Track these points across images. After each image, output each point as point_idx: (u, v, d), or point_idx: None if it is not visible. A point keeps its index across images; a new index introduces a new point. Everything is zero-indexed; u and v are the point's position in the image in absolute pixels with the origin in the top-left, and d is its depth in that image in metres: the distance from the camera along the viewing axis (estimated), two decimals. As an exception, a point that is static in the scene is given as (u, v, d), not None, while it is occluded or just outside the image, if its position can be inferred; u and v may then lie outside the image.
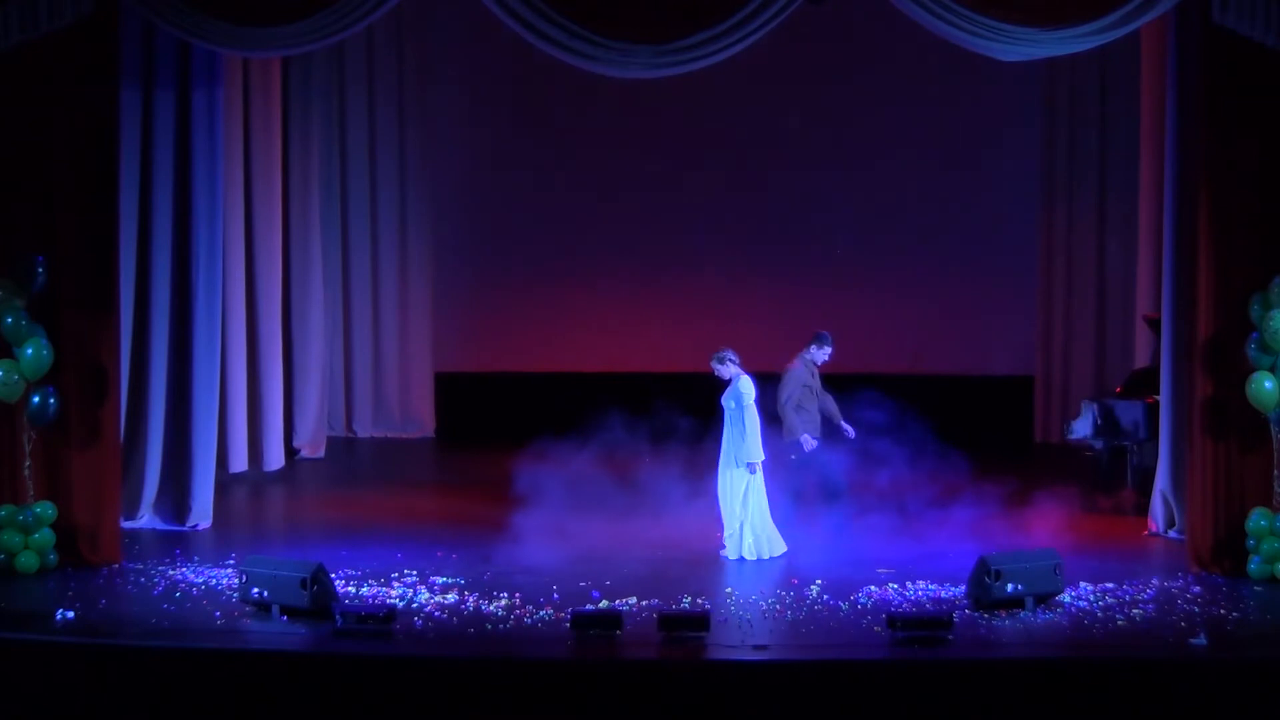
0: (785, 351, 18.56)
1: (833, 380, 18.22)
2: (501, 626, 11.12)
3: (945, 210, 18.73)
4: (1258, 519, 12.36)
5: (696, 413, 16.88)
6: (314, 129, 17.51)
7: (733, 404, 13.02)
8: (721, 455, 13.10)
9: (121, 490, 13.29)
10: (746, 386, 13.00)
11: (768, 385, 13.62)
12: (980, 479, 14.30)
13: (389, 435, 18.78)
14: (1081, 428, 15.03)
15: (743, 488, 12.97)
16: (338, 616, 10.95)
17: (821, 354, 13.87)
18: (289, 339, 17.33)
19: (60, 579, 12.37)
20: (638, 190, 18.73)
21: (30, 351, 12.43)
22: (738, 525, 12.97)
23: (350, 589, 11.89)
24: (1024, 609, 11.37)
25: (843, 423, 13.81)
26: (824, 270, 18.78)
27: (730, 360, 13.12)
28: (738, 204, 18.75)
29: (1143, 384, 15.11)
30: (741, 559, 12.90)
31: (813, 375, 13.83)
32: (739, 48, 12.61)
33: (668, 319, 18.63)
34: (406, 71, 18.60)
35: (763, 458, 13.02)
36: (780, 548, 13.00)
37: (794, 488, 13.50)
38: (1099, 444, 14.98)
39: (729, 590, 11.90)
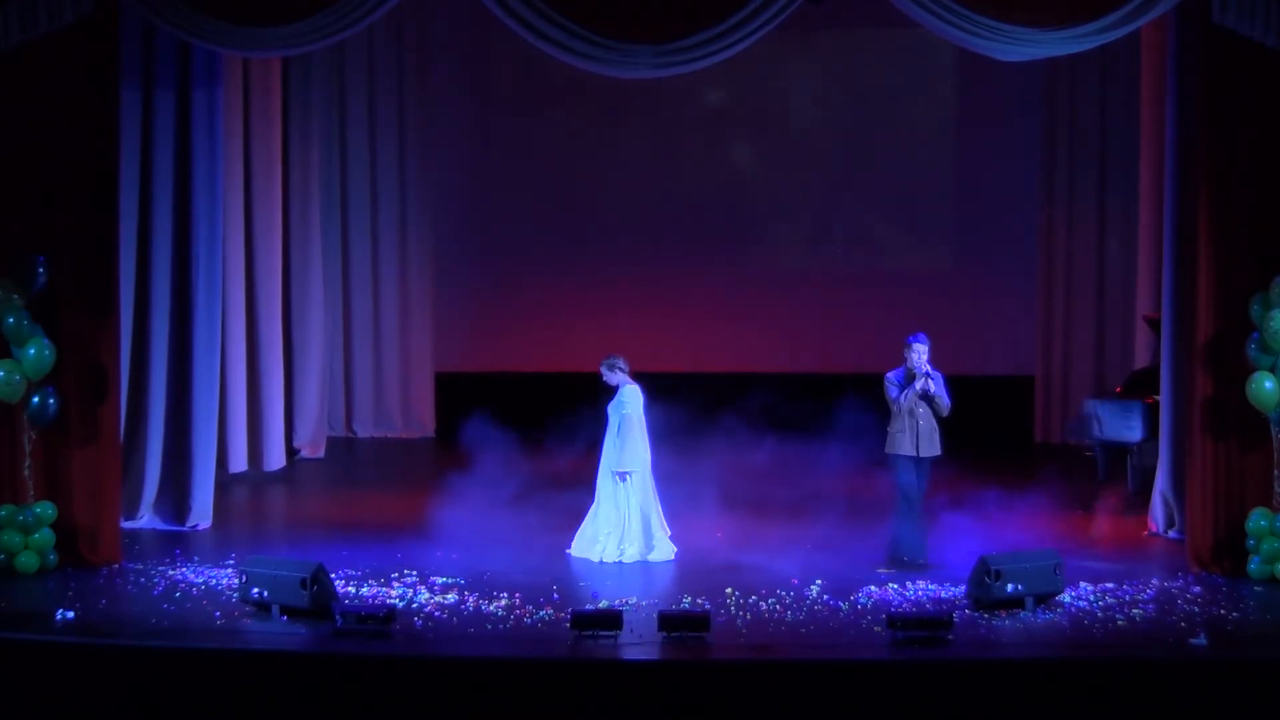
0: (783, 352, 18.67)
1: (833, 381, 18.30)
2: (501, 626, 11.12)
3: (945, 210, 18.75)
4: (1258, 519, 12.36)
5: (697, 413, 16.95)
6: (314, 129, 17.51)
7: (621, 412, 12.98)
8: (602, 462, 13.05)
9: (121, 490, 13.29)
10: (630, 396, 12.98)
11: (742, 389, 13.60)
12: (980, 479, 14.32)
13: (389, 435, 18.78)
14: (1081, 428, 15.03)
15: (624, 492, 12.96)
16: (338, 616, 10.95)
17: (910, 357, 12.87)
18: (289, 339, 17.33)
19: (60, 579, 12.37)
20: (639, 190, 18.74)
21: (32, 351, 12.43)
22: (620, 529, 12.97)
23: (350, 589, 11.89)
24: (1024, 609, 11.37)
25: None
26: (825, 271, 18.79)
27: (620, 369, 13.07)
28: (739, 205, 18.76)
29: (1143, 384, 15.12)
30: (621, 563, 12.92)
31: (907, 384, 12.82)
32: (740, 47, 12.61)
33: (668, 320, 18.64)
34: (406, 71, 18.60)
35: (635, 469, 12.97)
36: (667, 552, 13.03)
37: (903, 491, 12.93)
38: (1099, 444, 14.98)
39: (729, 590, 11.89)
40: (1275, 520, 12.33)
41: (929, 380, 12.71)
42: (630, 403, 12.95)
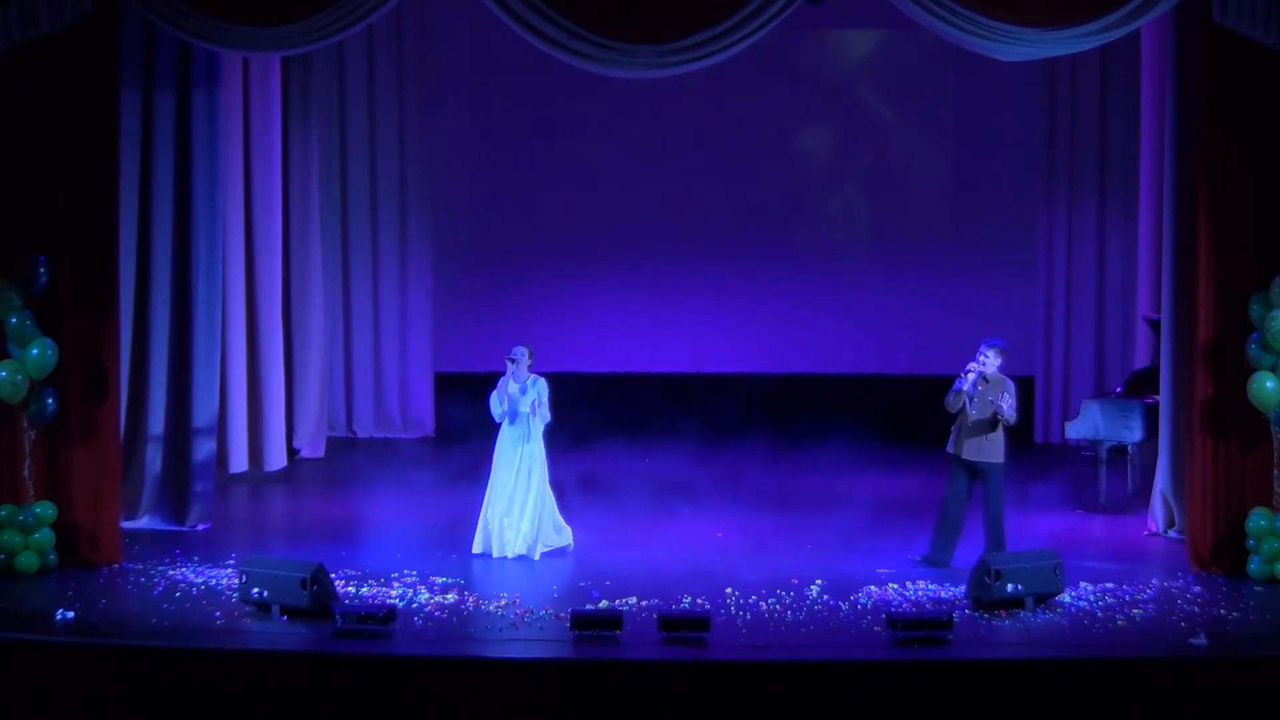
0: (782, 353, 18.66)
1: (833, 382, 18.31)
2: (501, 626, 11.13)
3: (945, 210, 18.73)
4: (1258, 519, 12.36)
5: (697, 413, 16.95)
6: (314, 129, 17.49)
7: (534, 400, 12.98)
8: (517, 453, 13.01)
9: (121, 490, 13.28)
10: (545, 387, 13.06)
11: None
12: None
13: (389, 435, 18.76)
14: (1080, 428, 15.01)
15: (532, 484, 13.00)
16: (338, 616, 10.96)
17: (982, 362, 12.70)
18: (289, 339, 17.31)
19: (60, 579, 12.38)
20: (640, 190, 18.72)
21: (35, 351, 12.43)
22: (532, 521, 12.98)
23: (350, 589, 11.89)
24: (1024, 609, 11.38)
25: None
26: (824, 271, 18.78)
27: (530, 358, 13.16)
28: (740, 204, 18.74)
29: (1143, 384, 15.11)
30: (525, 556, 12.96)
31: (972, 388, 12.59)
32: (740, 48, 12.61)
33: (669, 320, 18.62)
34: (406, 72, 18.57)
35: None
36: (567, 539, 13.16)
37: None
38: (1098, 444, 14.96)
39: (729, 590, 11.89)
40: (1275, 520, 12.33)
41: (967, 377, 12.61)
42: (545, 391, 13.02)
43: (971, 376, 12.66)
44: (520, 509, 12.95)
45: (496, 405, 13.05)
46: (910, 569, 12.49)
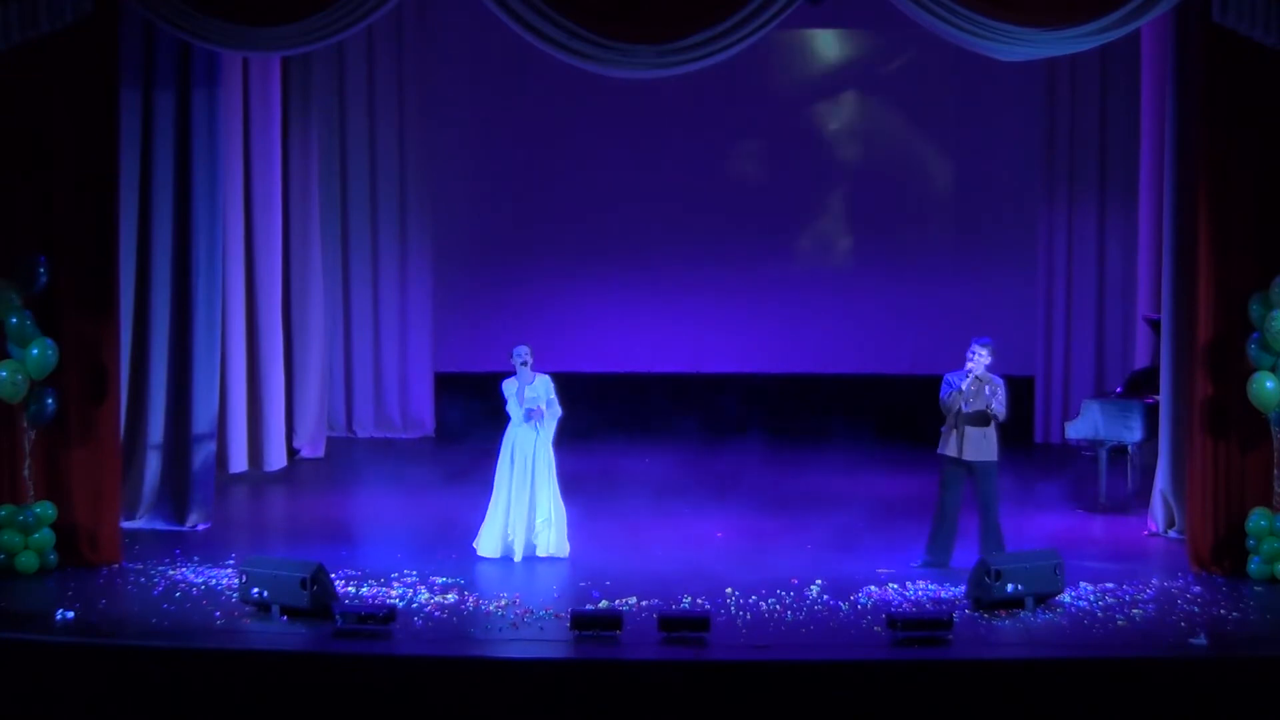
0: (783, 353, 18.66)
1: (833, 382, 18.32)
2: (501, 626, 11.13)
3: (945, 210, 18.74)
4: (1258, 519, 12.36)
5: (696, 413, 16.97)
6: (314, 129, 17.49)
7: (543, 401, 12.96)
8: (529, 454, 12.95)
9: (121, 490, 13.28)
10: (550, 383, 13.05)
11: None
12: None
13: (389, 436, 18.77)
14: (1080, 428, 15.01)
15: (552, 482, 12.98)
16: (338, 616, 10.96)
17: (976, 360, 12.75)
18: (289, 339, 17.31)
19: (60, 579, 12.38)
20: (640, 190, 18.72)
21: (35, 352, 12.44)
22: (559, 522, 12.98)
23: (350, 589, 11.89)
24: (1024, 609, 11.38)
25: None
26: (824, 271, 18.79)
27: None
28: (740, 203, 18.75)
29: (1143, 384, 15.12)
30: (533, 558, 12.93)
31: (969, 386, 12.62)
32: (740, 47, 12.61)
33: (669, 320, 18.62)
34: (406, 72, 18.57)
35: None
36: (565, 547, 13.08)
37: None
38: (1098, 444, 14.96)
39: (729, 590, 11.89)
40: (1275, 520, 12.33)
41: (966, 378, 12.61)
42: (550, 388, 13.00)
43: (970, 377, 12.66)
44: (548, 509, 12.95)
45: (517, 409, 13.00)
46: (910, 569, 12.49)
